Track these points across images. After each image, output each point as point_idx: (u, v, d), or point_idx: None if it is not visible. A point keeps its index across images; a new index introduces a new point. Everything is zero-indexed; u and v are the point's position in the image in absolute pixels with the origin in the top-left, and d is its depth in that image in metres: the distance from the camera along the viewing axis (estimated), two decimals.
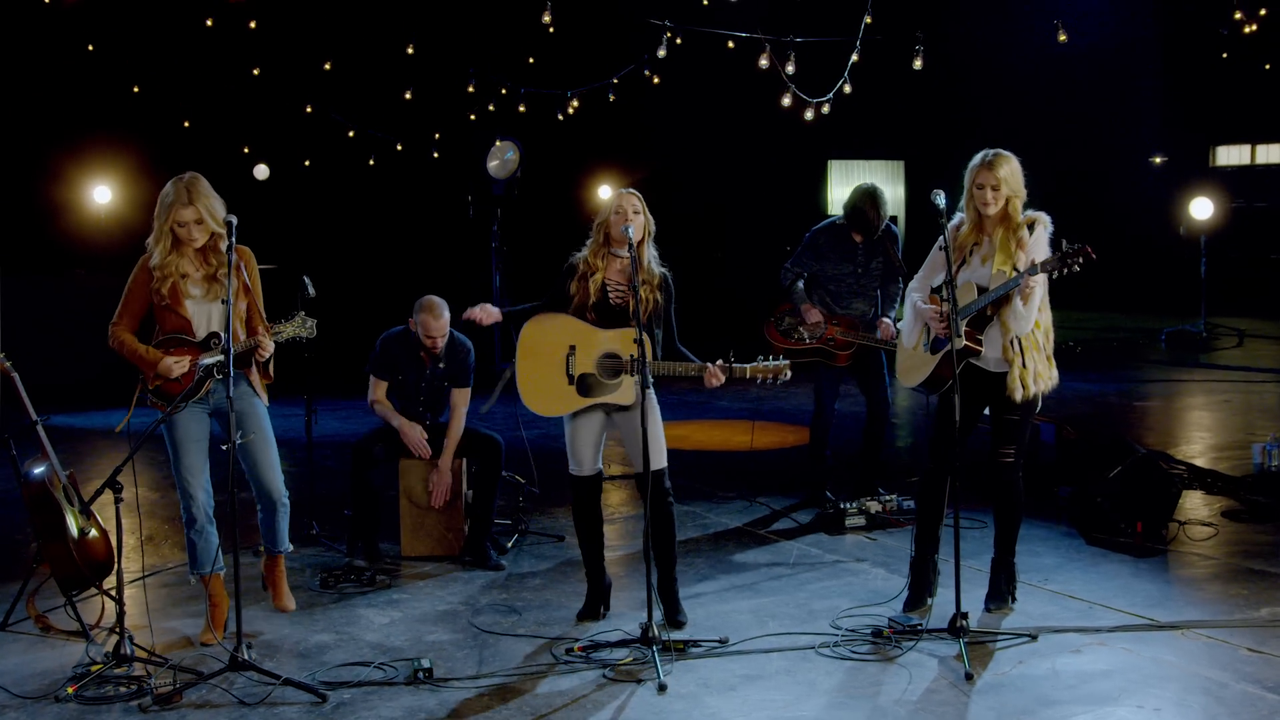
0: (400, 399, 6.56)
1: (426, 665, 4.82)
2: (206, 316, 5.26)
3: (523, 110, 13.65)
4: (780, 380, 5.21)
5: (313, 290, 6.40)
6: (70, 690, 4.63)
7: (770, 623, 5.38)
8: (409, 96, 13.70)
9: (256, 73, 14.15)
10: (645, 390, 5.03)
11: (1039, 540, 6.54)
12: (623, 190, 5.40)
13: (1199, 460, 8.23)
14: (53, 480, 5.40)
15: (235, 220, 4.97)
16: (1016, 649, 5.01)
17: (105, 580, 5.54)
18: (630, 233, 5.17)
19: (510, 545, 6.66)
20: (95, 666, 4.78)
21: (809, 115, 11.05)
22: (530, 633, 5.32)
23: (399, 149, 15.53)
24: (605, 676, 4.80)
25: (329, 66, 13.67)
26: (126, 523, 5.02)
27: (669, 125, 16.18)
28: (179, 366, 5.17)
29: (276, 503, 5.43)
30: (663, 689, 4.65)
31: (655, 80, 12.61)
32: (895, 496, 7.06)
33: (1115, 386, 12.03)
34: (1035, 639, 5.09)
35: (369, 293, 13.06)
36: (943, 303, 5.17)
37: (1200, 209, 15.66)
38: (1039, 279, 5.09)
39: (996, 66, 17.37)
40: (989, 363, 5.28)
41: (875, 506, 6.97)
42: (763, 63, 10.41)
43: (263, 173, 15.65)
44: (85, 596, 5.56)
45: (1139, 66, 18.21)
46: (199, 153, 11.40)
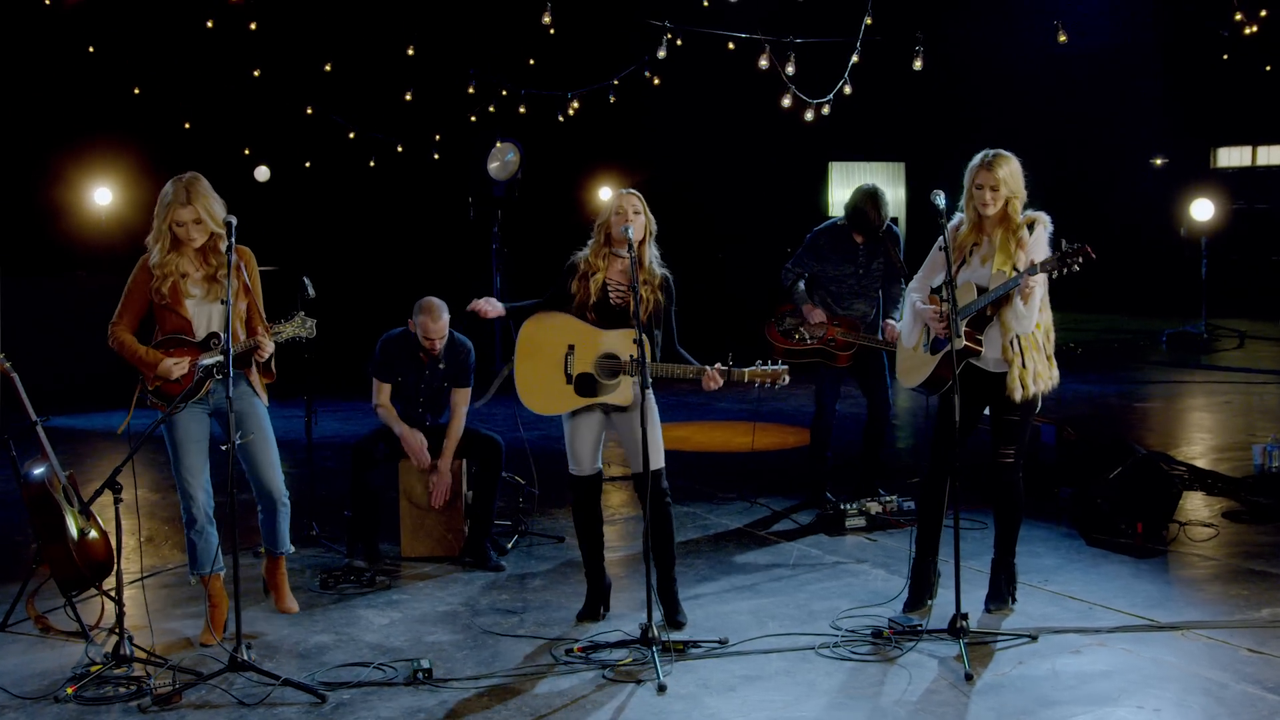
0: (400, 400, 6.55)
1: (426, 666, 4.82)
2: (206, 317, 5.26)
3: (523, 111, 13.65)
4: (778, 385, 5.20)
5: (313, 291, 6.40)
6: (70, 691, 4.63)
7: (770, 623, 5.37)
8: (409, 98, 13.70)
9: (257, 74, 14.14)
10: (644, 391, 5.03)
11: (1039, 541, 6.53)
12: (623, 190, 5.38)
13: (1199, 461, 8.23)
14: (52, 481, 5.40)
15: (235, 221, 4.97)
16: (1016, 649, 5.01)
17: (105, 581, 5.54)
18: (630, 233, 5.15)
19: (510, 546, 6.66)
20: (95, 667, 4.78)
21: (809, 116, 11.04)
22: (530, 633, 5.32)
23: (399, 150, 15.52)
24: (605, 677, 4.79)
25: (329, 68, 13.66)
26: (126, 523, 5.02)
27: (669, 126, 16.16)
28: (178, 368, 5.17)
29: (277, 503, 5.43)
30: (662, 690, 4.64)
31: (656, 81, 12.58)
32: (895, 497, 7.06)
33: (1116, 388, 12.03)
34: (1035, 639, 5.09)
35: (369, 294, 13.05)
36: (942, 303, 5.17)
37: (1201, 210, 15.66)
38: (1039, 279, 5.09)
39: (996, 67, 17.34)
40: (989, 363, 5.27)
41: (875, 507, 6.96)
42: (763, 64, 10.40)
43: (263, 174, 15.66)
44: (85, 597, 5.56)
45: (1139, 67, 18.20)
46: (200, 154, 11.36)
